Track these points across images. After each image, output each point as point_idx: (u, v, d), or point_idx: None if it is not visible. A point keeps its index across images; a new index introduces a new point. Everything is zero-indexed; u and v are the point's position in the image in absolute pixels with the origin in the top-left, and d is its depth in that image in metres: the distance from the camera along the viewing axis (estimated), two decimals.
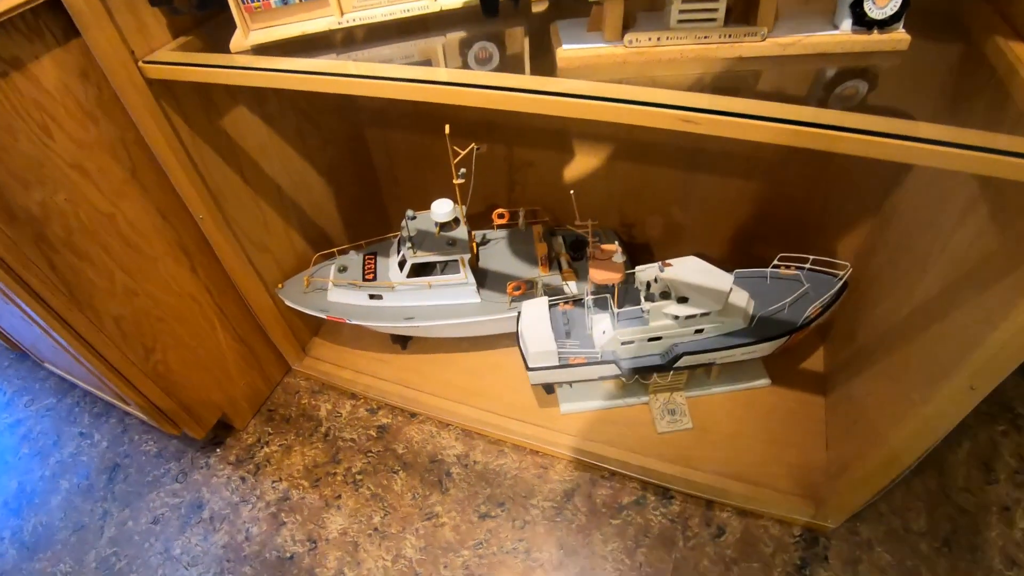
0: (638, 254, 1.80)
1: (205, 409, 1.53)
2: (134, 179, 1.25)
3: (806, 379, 1.57)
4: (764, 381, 1.54)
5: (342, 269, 1.55)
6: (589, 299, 1.33)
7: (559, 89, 0.80)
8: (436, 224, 1.43)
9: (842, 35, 0.86)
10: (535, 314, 1.38)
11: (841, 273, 1.37)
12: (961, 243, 1.04)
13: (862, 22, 0.85)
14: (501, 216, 1.64)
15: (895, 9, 0.84)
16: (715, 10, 0.82)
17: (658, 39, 0.84)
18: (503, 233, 1.65)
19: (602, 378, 1.40)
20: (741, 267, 1.44)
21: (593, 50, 0.85)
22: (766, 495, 1.40)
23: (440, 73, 0.87)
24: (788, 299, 1.34)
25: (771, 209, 1.54)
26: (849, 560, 1.36)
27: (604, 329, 1.34)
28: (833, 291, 1.34)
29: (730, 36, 0.84)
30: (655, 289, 1.30)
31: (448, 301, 1.50)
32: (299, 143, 1.56)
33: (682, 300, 1.28)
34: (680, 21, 0.83)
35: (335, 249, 1.61)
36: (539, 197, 1.75)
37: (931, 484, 1.48)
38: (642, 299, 1.30)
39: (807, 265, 1.41)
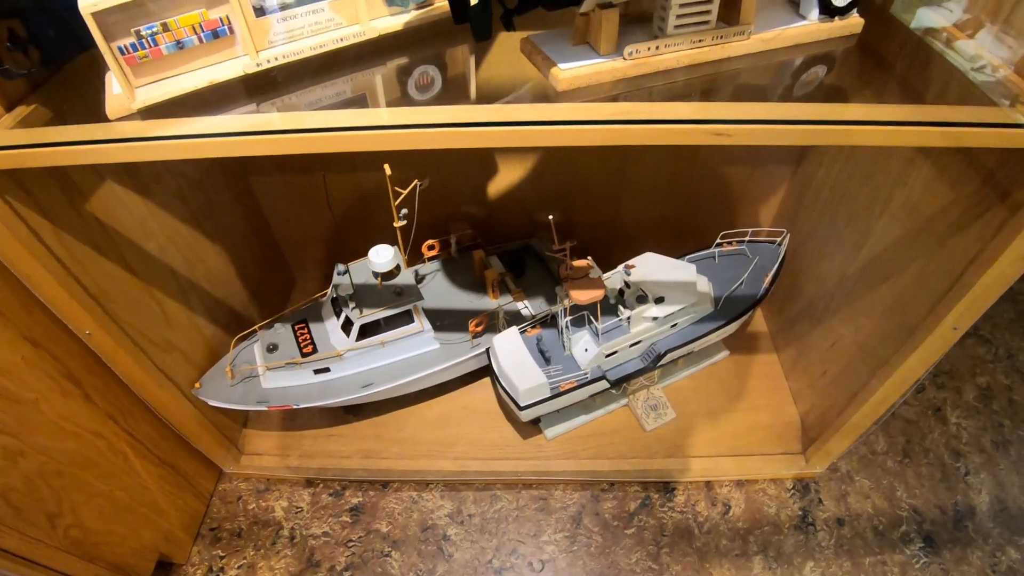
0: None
1: (139, 559, 1.24)
2: None
3: (756, 341, 1.65)
4: (724, 354, 1.58)
5: (272, 348, 1.33)
6: (567, 320, 1.26)
7: (584, 117, 0.71)
8: (376, 275, 1.26)
9: (811, 25, 0.87)
10: (511, 349, 1.28)
11: (779, 239, 1.44)
12: (907, 200, 1.12)
13: (827, 11, 0.87)
14: (432, 247, 1.51)
15: None
16: (709, 11, 0.78)
17: (656, 48, 0.78)
18: (436, 265, 1.52)
19: (592, 396, 1.35)
20: (681, 250, 1.46)
21: (593, 66, 0.76)
22: (755, 462, 1.45)
23: (431, 114, 0.73)
24: (744, 274, 1.38)
25: (698, 189, 1.57)
26: (839, 496, 1.46)
27: (586, 347, 1.28)
28: (780, 258, 1.40)
29: (721, 37, 0.81)
30: (629, 295, 1.27)
31: (406, 355, 1.35)
32: (183, 209, 1.29)
33: (659, 300, 1.26)
34: (677, 26, 0.77)
35: (256, 327, 1.37)
36: (457, 216, 1.64)
37: None
38: (620, 307, 1.26)
39: (747, 238, 1.46)
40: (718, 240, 1.46)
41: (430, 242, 1.47)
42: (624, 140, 0.70)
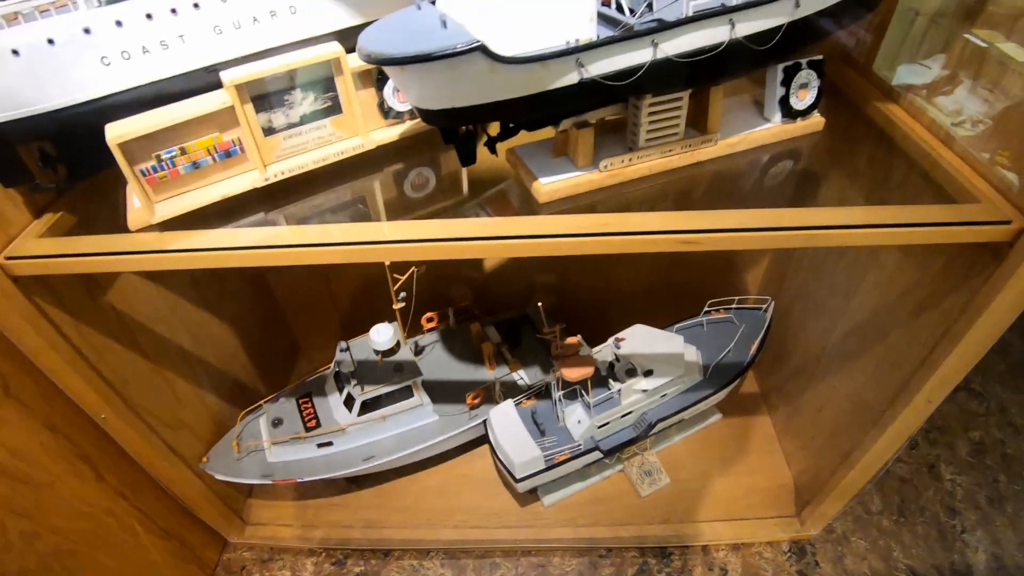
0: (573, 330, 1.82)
1: None
2: (8, 398, 1.01)
3: (748, 404, 1.68)
4: (716, 417, 1.62)
5: (277, 423, 1.38)
6: (559, 393, 1.31)
7: (559, 231, 0.78)
8: (377, 352, 1.32)
9: (775, 127, 0.95)
10: (507, 422, 1.33)
11: (764, 306, 1.49)
12: (879, 276, 1.18)
13: (789, 114, 0.94)
14: (430, 320, 1.57)
15: (813, 100, 0.94)
16: (677, 125, 0.85)
17: (629, 160, 0.85)
18: (435, 336, 1.58)
19: (586, 466, 1.39)
20: (671, 315, 1.51)
21: (571, 179, 0.84)
22: (751, 526, 1.47)
23: (426, 229, 0.80)
24: (731, 343, 1.43)
25: (687, 258, 1.63)
26: (835, 558, 1.48)
27: (579, 419, 1.33)
28: (766, 325, 1.45)
29: (690, 146, 0.88)
30: (619, 368, 1.32)
31: (406, 428, 1.39)
32: (195, 294, 1.36)
33: (648, 373, 1.31)
34: (648, 139, 0.85)
35: (262, 401, 1.42)
36: (457, 288, 1.71)
37: None
38: (611, 380, 1.30)
39: (734, 305, 1.51)
40: (706, 308, 1.51)
41: (429, 315, 1.53)
42: (600, 250, 0.77)
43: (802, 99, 0.93)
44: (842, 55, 1.18)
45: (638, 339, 1.33)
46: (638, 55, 0.70)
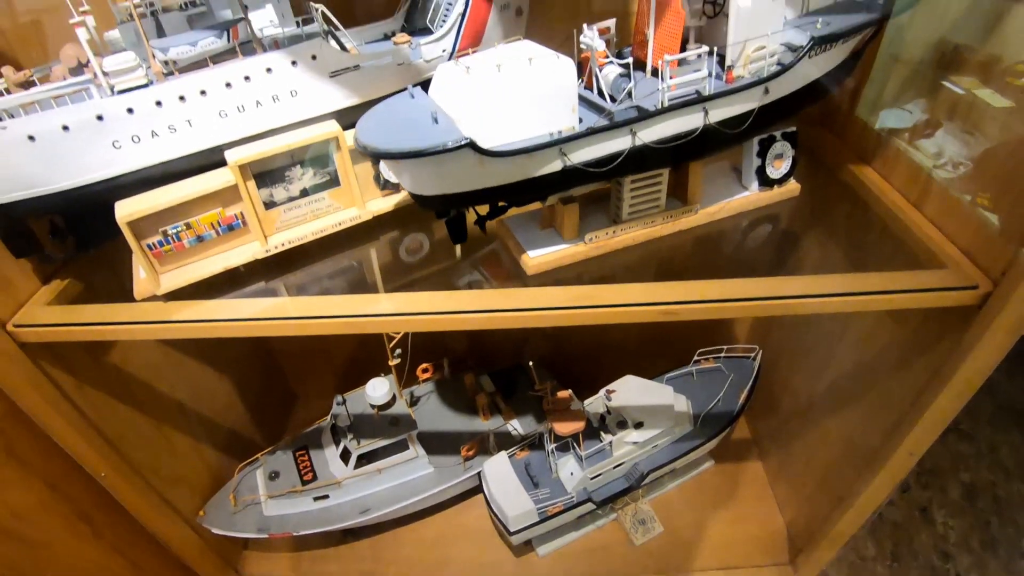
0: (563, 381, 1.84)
1: None
2: (10, 458, 1.03)
3: (740, 450, 1.70)
4: (709, 463, 1.64)
5: (273, 476, 1.39)
6: (552, 446, 1.33)
7: (548, 304, 0.81)
8: (373, 406, 1.35)
9: (753, 195, 0.99)
10: (501, 475, 1.35)
11: (753, 355, 1.53)
12: (861, 331, 1.21)
13: (766, 182, 0.99)
14: (426, 370, 1.59)
15: (788, 169, 0.99)
16: (658, 198, 0.90)
17: (613, 232, 0.89)
18: (431, 387, 1.60)
19: (580, 517, 1.40)
20: (663, 362, 1.54)
21: (558, 252, 0.88)
22: (745, 575, 1.48)
23: (421, 302, 0.84)
24: (720, 392, 1.46)
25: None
26: None
27: (572, 471, 1.35)
28: (754, 374, 1.48)
29: (671, 216, 0.93)
30: (610, 420, 1.34)
31: (401, 480, 1.41)
32: (194, 349, 1.39)
33: (639, 425, 1.33)
34: (631, 212, 0.89)
35: (259, 454, 1.44)
36: (452, 338, 1.73)
37: None
38: (602, 433, 1.33)
39: (723, 354, 1.54)
40: (695, 357, 1.54)
41: (424, 365, 1.55)
42: (587, 322, 0.81)
43: (777, 168, 0.98)
44: (823, 104, 1.23)
45: (629, 391, 1.36)
46: (618, 143, 0.75)
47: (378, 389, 1.31)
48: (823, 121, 1.25)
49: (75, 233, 0.97)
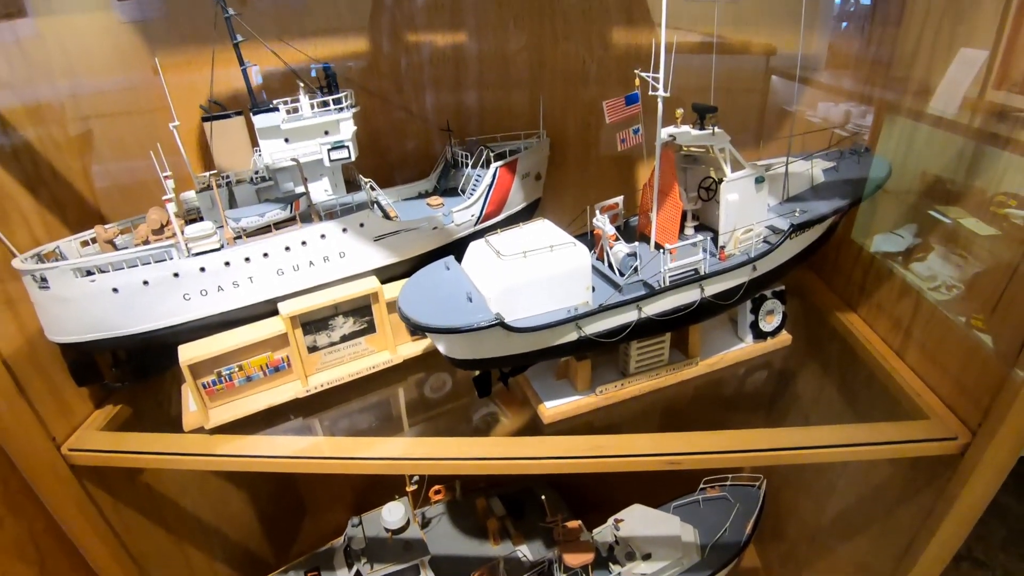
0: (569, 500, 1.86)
1: None
2: (43, 573, 1.07)
3: None
4: None
5: None
6: None
7: (560, 453, 0.89)
8: (387, 530, 1.39)
9: (748, 347, 1.09)
10: None
11: (757, 483, 1.56)
12: (858, 468, 1.27)
13: (760, 335, 1.09)
14: (438, 492, 1.64)
15: (779, 322, 1.10)
16: (662, 354, 1.00)
17: (622, 384, 0.99)
18: (442, 508, 1.64)
19: None
20: (669, 492, 1.57)
21: (572, 403, 0.97)
22: None
23: (445, 447, 0.92)
24: (727, 521, 1.49)
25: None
26: None
27: None
28: (760, 504, 1.51)
29: (674, 369, 1.02)
30: (619, 551, 1.37)
31: None
32: None
33: (647, 556, 1.36)
34: (637, 367, 0.99)
35: (273, 574, 1.46)
36: None
37: None
38: (610, 564, 1.36)
39: (728, 482, 1.58)
40: (701, 485, 1.58)
41: (437, 487, 1.60)
42: (597, 470, 0.88)
43: (769, 323, 1.09)
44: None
45: (637, 520, 1.40)
46: (626, 316, 0.86)
47: (394, 514, 1.36)
48: (812, 266, 1.37)
49: (135, 365, 1.07)
